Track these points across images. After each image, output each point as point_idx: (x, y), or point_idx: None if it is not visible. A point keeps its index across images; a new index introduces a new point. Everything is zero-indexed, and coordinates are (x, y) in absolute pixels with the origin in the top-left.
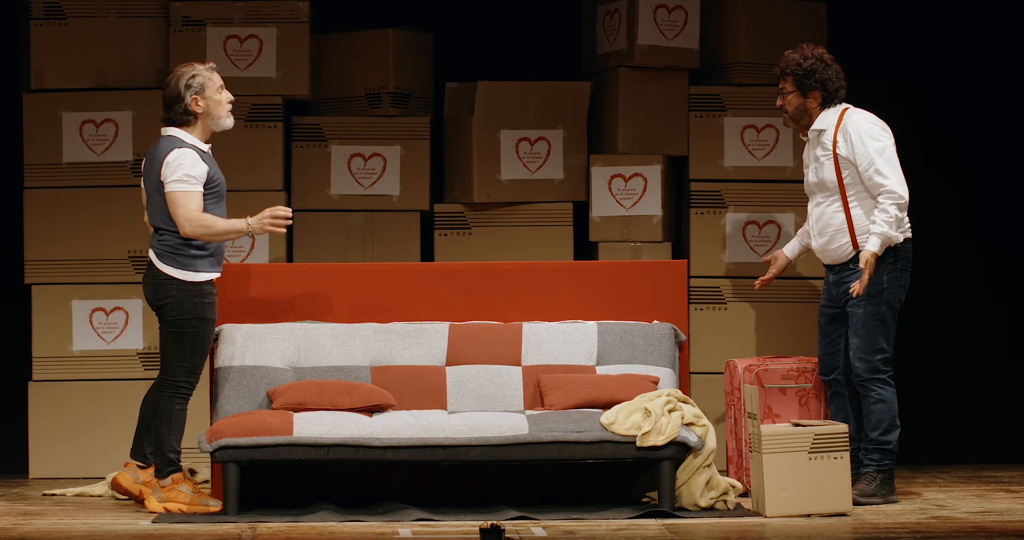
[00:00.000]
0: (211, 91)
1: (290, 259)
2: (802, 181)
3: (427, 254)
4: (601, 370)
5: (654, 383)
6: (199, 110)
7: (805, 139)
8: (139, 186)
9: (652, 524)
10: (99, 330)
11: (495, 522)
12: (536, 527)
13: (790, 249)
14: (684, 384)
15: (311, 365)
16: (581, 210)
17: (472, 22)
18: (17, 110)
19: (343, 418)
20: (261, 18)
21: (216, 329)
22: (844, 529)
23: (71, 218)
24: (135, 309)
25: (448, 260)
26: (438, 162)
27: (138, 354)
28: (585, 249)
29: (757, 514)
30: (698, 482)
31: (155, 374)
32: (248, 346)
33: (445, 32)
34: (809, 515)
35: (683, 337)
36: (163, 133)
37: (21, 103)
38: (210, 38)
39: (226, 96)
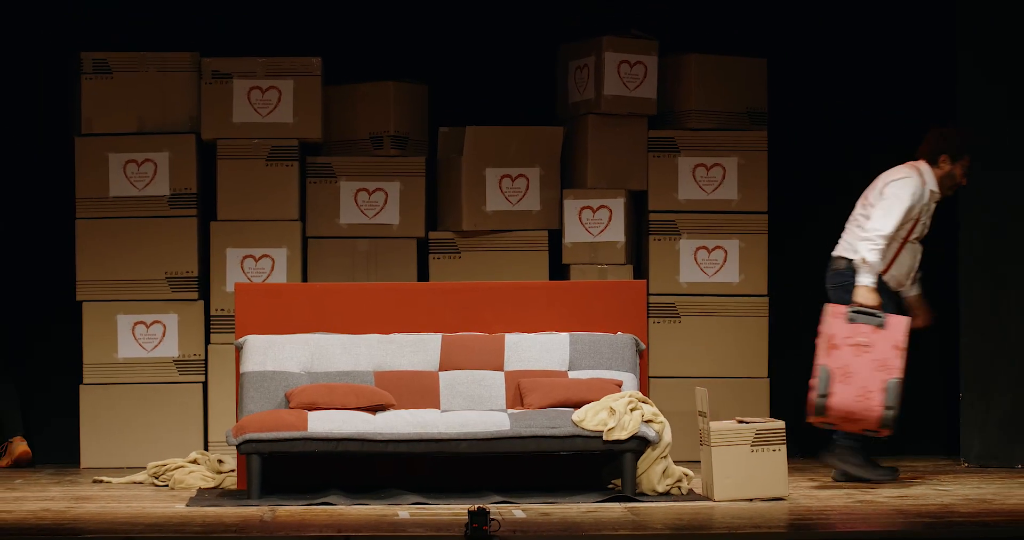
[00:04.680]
0: None
1: (305, 279)
2: (745, 211)
3: (423, 275)
4: (572, 374)
5: (618, 386)
6: None
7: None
8: (177, 217)
9: (616, 507)
10: (140, 340)
11: (481, 505)
12: (517, 510)
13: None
14: (644, 387)
15: (323, 370)
16: (555, 237)
17: (462, 75)
18: (69, 152)
19: (350, 416)
20: (280, 72)
21: (241, 339)
22: (781, 511)
23: (116, 244)
24: (171, 322)
25: (441, 280)
26: (432, 195)
27: (174, 361)
28: (558, 270)
29: (707, 498)
30: (656, 471)
31: (189, 378)
32: (268, 354)
33: (438, 83)
34: (751, 499)
35: (643, 346)
36: None
37: (73, 146)
38: (236, 89)
39: None
